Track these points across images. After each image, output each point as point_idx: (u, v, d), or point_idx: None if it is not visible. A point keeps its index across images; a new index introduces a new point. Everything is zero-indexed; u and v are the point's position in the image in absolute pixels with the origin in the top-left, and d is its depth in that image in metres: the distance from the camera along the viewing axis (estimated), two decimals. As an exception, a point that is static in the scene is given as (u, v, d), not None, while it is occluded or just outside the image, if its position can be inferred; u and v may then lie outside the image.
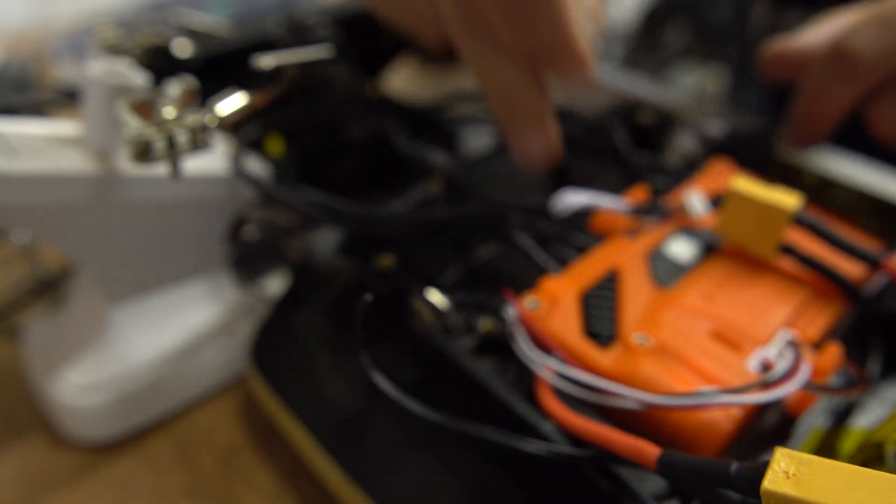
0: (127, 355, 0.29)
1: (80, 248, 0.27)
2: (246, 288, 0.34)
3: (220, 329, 0.32)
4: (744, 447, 0.19)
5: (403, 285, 0.23)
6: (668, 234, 0.26)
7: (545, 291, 0.24)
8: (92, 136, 0.26)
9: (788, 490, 0.11)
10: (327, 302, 0.29)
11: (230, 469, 0.29)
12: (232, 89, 0.26)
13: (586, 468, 0.19)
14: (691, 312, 0.22)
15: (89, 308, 0.31)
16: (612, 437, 0.17)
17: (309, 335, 0.28)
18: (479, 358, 0.24)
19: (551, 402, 0.19)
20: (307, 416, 0.26)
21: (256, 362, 0.29)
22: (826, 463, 0.12)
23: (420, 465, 0.23)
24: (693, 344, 0.21)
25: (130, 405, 0.30)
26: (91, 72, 0.26)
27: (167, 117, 0.23)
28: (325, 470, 0.25)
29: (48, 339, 0.32)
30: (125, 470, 0.29)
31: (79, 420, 0.30)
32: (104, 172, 0.26)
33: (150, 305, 0.30)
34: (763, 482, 0.12)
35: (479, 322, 0.24)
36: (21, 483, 0.29)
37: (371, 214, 0.26)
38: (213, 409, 0.32)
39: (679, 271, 0.24)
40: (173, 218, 0.30)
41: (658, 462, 0.16)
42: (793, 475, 0.12)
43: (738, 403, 0.18)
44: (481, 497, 0.22)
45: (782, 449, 0.12)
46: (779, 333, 0.21)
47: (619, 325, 0.22)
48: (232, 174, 0.30)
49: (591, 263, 0.25)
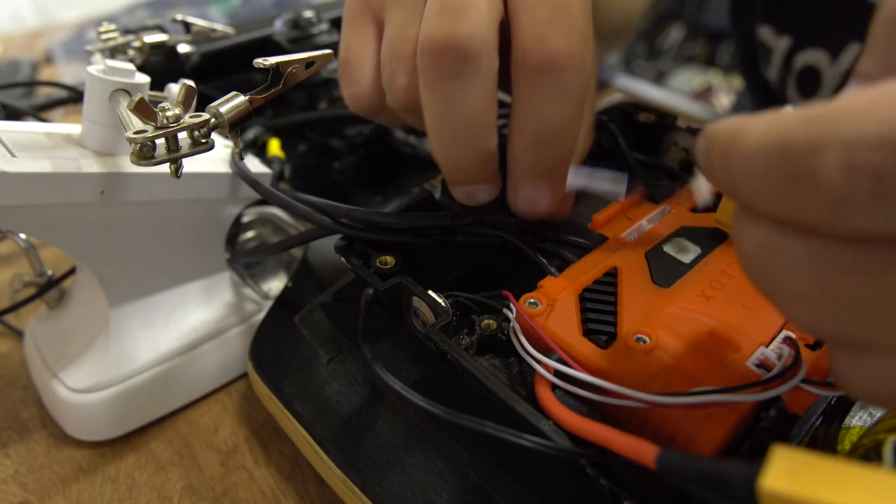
0: (128, 355, 0.30)
1: (80, 248, 0.27)
2: (246, 288, 0.34)
3: (220, 329, 0.32)
4: (743, 446, 0.19)
5: (404, 285, 0.24)
6: (668, 233, 0.26)
7: (545, 292, 0.24)
8: (93, 136, 0.27)
9: (787, 489, 0.12)
10: (327, 302, 0.29)
11: (230, 468, 0.29)
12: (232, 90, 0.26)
13: (586, 467, 0.19)
14: (690, 312, 0.22)
15: (91, 308, 0.31)
16: (612, 436, 0.17)
17: (309, 335, 0.29)
18: (479, 357, 0.24)
19: (551, 402, 0.19)
20: (307, 416, 0.26)
21: (256, 362, 0.29)
22: (824, 461, 0.12)
23: (420, 465, 0.23)
24: (692, 343, 0.21)
25: (131, 404, 0.30)
26: (92, 72, 0.26)
27: (168, 118, 0.23)
28: (324, 469, 0.25)
29: (50, 339, 0.32)
30: (126, 468, 0.29)
31: (80, 419, 0.30)
32: (105, 172, 0.26)
33: (150, 305, 0.31)
34: (762, 481, 0.12)
35: (479, 322, 0.24)
36: (23, 481, 0.29)
37: (369, 217, 0.26)
38: (213, 409, 0.32)
39: (678, 271, 0.24)
40: (174, 218, 0.30)
41: (657, 461, 0.16)
42: (791, 473, 0.12)
43: (737, 402, 0.18)
44: (481, 497, 0.22)
45: (781, 447, 0.12)
46: (777, 333, 0.21)
47: (618, 325, 0.22)
48: (232, 175, 0.30)
49: (591, 264, 0.25)
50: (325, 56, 0.27)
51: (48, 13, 0.86)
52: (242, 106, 0.25)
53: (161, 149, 0.24)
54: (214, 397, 0.33)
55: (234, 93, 0.25)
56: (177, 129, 0.23)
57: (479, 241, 0.27)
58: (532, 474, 0.21)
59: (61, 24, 0.86)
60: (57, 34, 0.83)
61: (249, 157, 0.34)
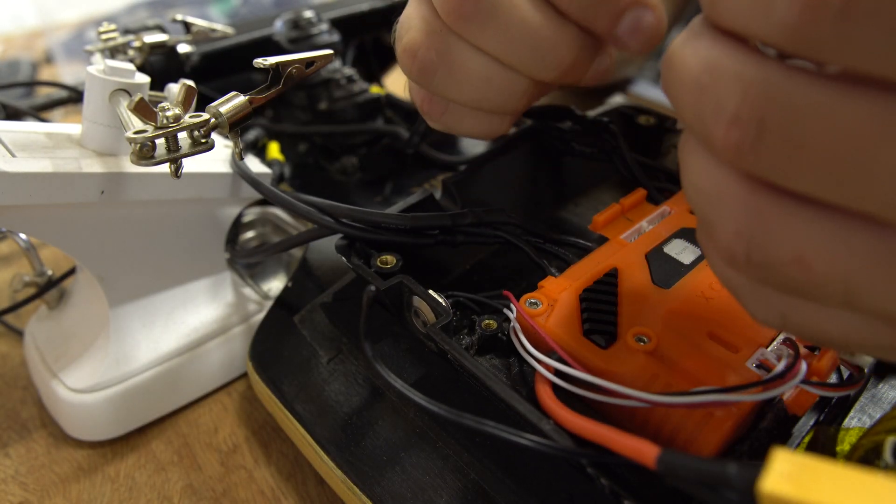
0: (128, 355, 0.30)
1: (80, 248, 0.27)
2: (246, 288, 0.34)
3: (220, 329, 0.32)
4: (743, 446, 0.19)
5: (404, 285, 0.24)
6: (668, 234, 0.26)
7: (545, 292, 0.24)
8: (93, 136, 0.27)
9: (786, 491, 0.12)
10: (327, 302, 0.29)
11: (230, 468, 0.29)
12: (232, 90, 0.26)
13: (586, 467, 0.19)
14: (691, 313, 0.22)
15: (91, 308, 0.31)
16: (612, 436, 0.17)
17: (309, 335, 0.29)
18: (480, 357, 0.24)
19: (551, 401, 0.19)
20: (307, 416, 0.26)
21: (256, 362, 0.29)
22: (825, 464, 0.12)
23: (420, 465, 0.23)
24: (692, 344, 0.21)
25: (131, 404, 0.30)
26: (92, 72, 0.26)
27: (168, 118, 0.23)
28: (324, 469, 0.25)
29: (50, 339, 0.32)
30: (126, 468, 0.29)
31: (80, 419, 0.30)
32: (105, 172, 0.26)
33: (150, 305, 0.31)
34: (762, 483, 0.12)
35: (480, 322, 0.24)
36: (23, 481, 0.29)
37: (370, 217, 0.26)
38: (213, 409, 0.32)
39: (678, 272, 0.24)
40: (174, 218, 0.30)
41: (657, 461, 0.16)
42: (791, 476, 0.12)
43: (737, 402, 0.18)
44: (481, 497, 0.22)
45: (781, 449, 0.12)
46: (777, 334, 0.21)
47: (618, 325, 0.22)
48: (232, 175, 0.30)
49: (591, 264, 0.25)
50: (325, 56, 0.27)
51: (48, 13, 0.86)
52: (242, 106, 0.25)
53: (161, 149, 0.24)
54: (214, 397, 0.33)
55: (234, 93, 0.25)
56: (177, 129, 0.23)
57: (479, 241, 0.27)
58: (532, 474, 0.21)
59: (61, 24, 0.86)
60: (57, 34, 0.82)
61: (250, 157, 0.34)
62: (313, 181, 0.40)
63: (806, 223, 0.13)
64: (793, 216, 0.13)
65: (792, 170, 0.12)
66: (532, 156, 0.33)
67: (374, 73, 0.52)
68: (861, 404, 0.23)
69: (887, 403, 0.23)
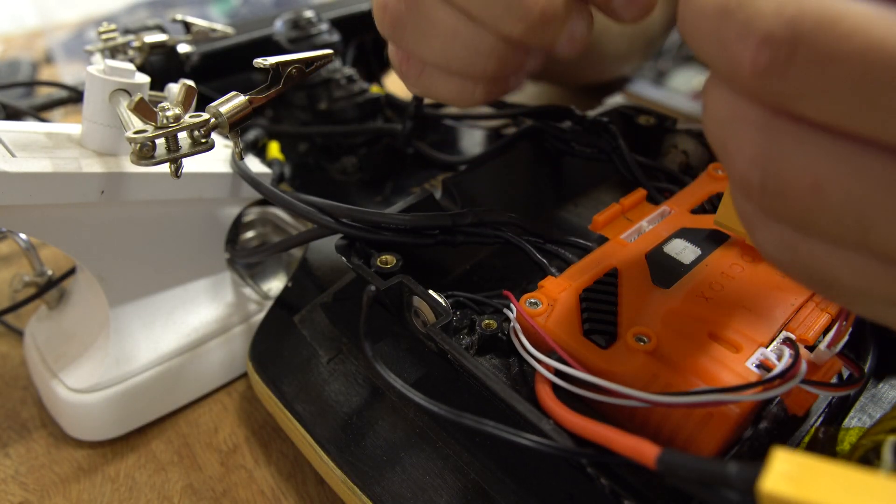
0: (128, 355, 0.30)
1: (80, 248, 0.27)
2: (246, 288, 0.34)
3: (220, 329, 0.32)
4: (743, 446, 0.19)
5: (404, 285, 0.24)
6: (668, 234, 0.26)
7: (545, 292, 0.24)
8: (93, 136, 0.27)
9: (786, 491, 0.12)
10: (327, 302, 0.29)
11: (230, 468, 0.29)
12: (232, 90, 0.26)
13: (586, 467, 0.19)
14: (691, 312, 0.22)
15: (91, 308, 0.31)
16: (612, 435, 0.17)
17: (309, 335, 0.29)
18: (480, 357, 0.24)
19: (551, 401, 0.19)
20: (307, 416, 0.26)
21: (256, 362, 0.29)
22: (825, 464, 0.12)
23: (420, 465, 0.23)
24: (692, 344, 0.21)
25: (131, 404, 0.30)
26: (92, 72, 0.26)
27: (168, 118, 0.23)
28: (324, 469, 0.25)
29: (50, 339, 0.32)
30: (126, 468, 0.29)
31: (80, 419, 0.30)
32: (105, 172, 0.26)
33: (150, 305, 0.31)
34: (762, 483, 0.12)
35: (480, 322, 0.24)
36: (23, 481, 0.29)
37: (370, 216, 0.26)
38: (213, 409, 0.32)
39: (678, 272, 0.24)
40: (174, 218, 0.30)
41: (657, 461, 0.16)
42: (791, 476, 0.12)
43: (737, 402, 0.18)
44: (481, 497, 0.22)
45: (781, 449, 0.12)
46: (777, 334, 0.21)
47: (618, 325, 0.22)
48: (232, 175, 0.30)
49: (591, 264, 0.25)
50: (325, 56, 0.27)
51: (48, 13, 0.86)
52: (242, 106, 0.25)
53: (161, 149, 0.24)
54: (214, 397, 0.33)
55: (234, 93, 0.25)
56: (177, 128, 0.23)
57: (479, 241, 0.27)
58: (532, 474, 0.21)
59: (61, 24, 0.86)
60: (57, 34, 0.82)
61: (250, 157, 0.34)
62: (313, 181, 0.40)
63: (824, 151, 0.13)
64: (811, 144, 0.13)
65: (818, 93, 0.12)
66: (532, 156, 0.33)
67: (374, 73, 0.52)
68: (861, 404, 0.23)
69: (887, 403, 0.23)
